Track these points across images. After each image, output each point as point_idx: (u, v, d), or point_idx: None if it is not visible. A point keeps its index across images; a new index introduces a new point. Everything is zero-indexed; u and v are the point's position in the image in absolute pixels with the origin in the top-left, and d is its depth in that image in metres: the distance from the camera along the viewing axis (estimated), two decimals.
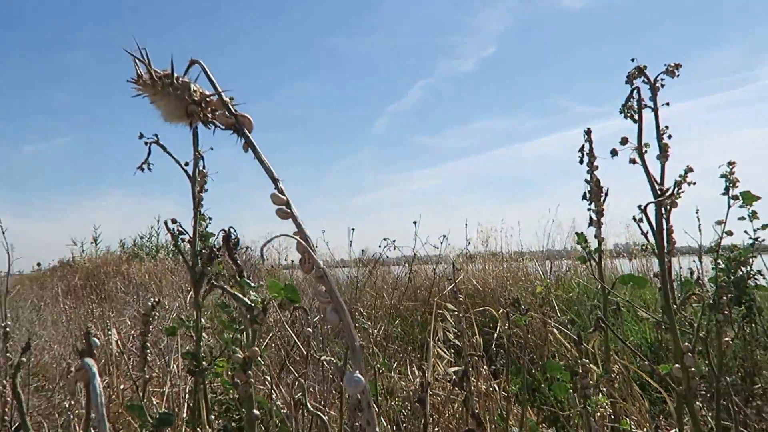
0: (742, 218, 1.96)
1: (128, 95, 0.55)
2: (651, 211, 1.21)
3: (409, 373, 2.52)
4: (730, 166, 1.92)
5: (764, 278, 1.88)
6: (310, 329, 1.18)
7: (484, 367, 2.17)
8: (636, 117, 1.70)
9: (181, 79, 0.53)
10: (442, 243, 3.55)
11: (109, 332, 1.99)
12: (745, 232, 1.99)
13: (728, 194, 1.92)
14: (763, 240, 1.93)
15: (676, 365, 0.99)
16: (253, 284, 0.68)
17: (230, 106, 0.56)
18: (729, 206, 1.94)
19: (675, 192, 1.43)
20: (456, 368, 1.31)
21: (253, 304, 0.66)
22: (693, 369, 1.01)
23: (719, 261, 1.92)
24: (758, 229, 1.92)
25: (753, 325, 1.82)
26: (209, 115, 0.56)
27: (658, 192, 1.48)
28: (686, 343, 1.31)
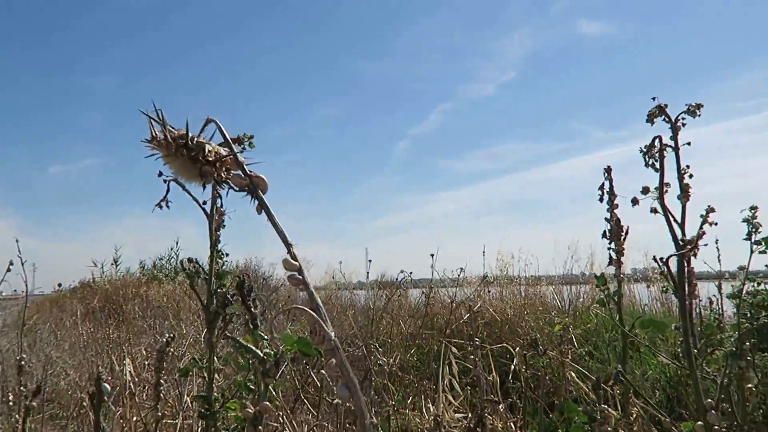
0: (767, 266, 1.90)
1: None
2: (672, 261, 1.17)
3: (424, 408, 2.48)
4: (753, 211, 1.88)
5: None
6: (324, 371, 1.17)
7: (500, 405, 2.13)
8: (658, 165, 1.66)
9: (196, 139, 0.53)
10: (459, 275, 3.52)
11: (124, 362, 1.99)
12: (767, 265, 1.94)
13: (750, 239, 1.88)
14: None
15: (699, 423, 0.95)
16: (265, 336, 0.66)
17: (245, 167, 0.55)
18: (752, 251, 1.89)
19: (696, 243, 1.39)
20: (467, 415, 1.28)
21: (265, 358, 0.65)
22: (716, 426, 0.98)
23: (742, 306, 1.86)
24: None
25: None
26: (223, 175, 0.55)
27: (680, 243, 1.44)
28: (709, 400, 1.26)
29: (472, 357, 1.36)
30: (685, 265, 1.40)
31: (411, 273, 3.25)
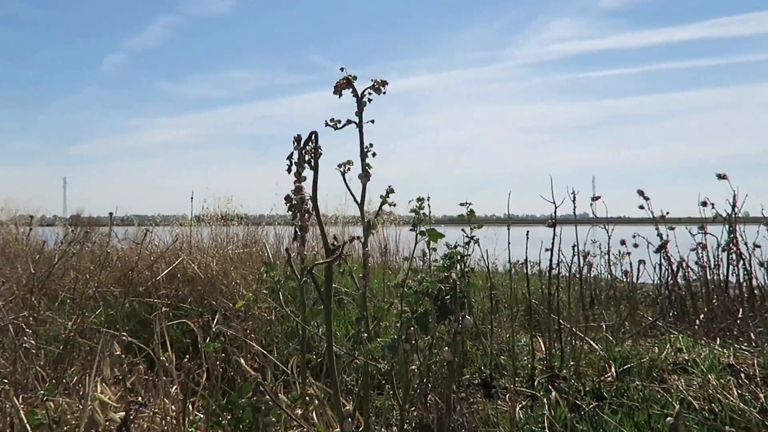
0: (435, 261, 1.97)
1: None
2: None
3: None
4: (420, 202, 1.93)
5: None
6: None
7: (174, 386, 1.93)
8: (313, 161, 1.61)
9: None
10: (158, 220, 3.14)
11: None
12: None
13: (416, 230, 1.94)
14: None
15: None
16: None
17: None
18: (416, 242, 1.96)
19: (341, 251, 1.38)
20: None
21: None
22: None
23: (407, 291, 1.91)
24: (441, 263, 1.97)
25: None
26: None
27: (331, 247, 1.42)
28: (348, 407, 1.23)
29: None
30: (333, 272, 1.42)
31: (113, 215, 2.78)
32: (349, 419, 1.52)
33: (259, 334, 2.39)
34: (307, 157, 1.65)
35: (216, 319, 2.18)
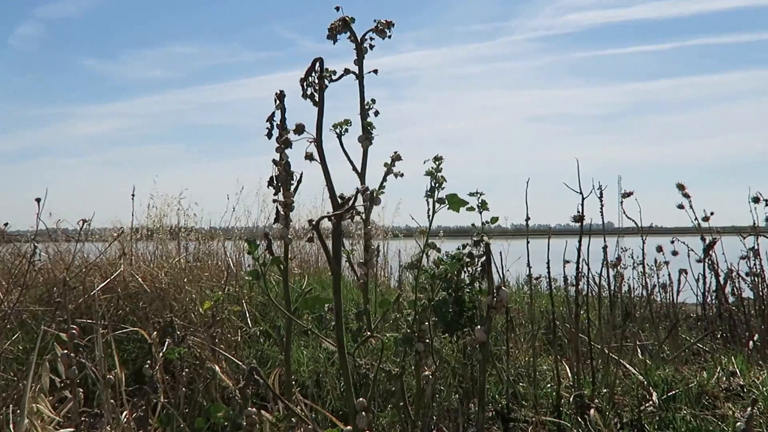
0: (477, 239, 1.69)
1: None
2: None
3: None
4: (437, 162, 1.60)
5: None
6: None
7: (126, 414, 1.44)
8: (317, 95, 1.32)
9: None
10: (81, 228, 2.59)
11: None
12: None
13: (433, 196, 1.60)
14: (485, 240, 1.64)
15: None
16: None
17: None
18: (433, 211, 1.61)
19: (353, 206, 1.09)
20: None
21: None
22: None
23: (423, 278, 1.59)
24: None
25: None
26: None
27: (338, 201, 1.14)
28: (361, 399, 1.04)
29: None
30: (341, 230, 1.12)
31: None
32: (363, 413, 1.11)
33: (231, 346, 1.94)
34: (309, 91, 1.33)
35: (175, 334, 1.73)
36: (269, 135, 1.55)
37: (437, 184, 1.53)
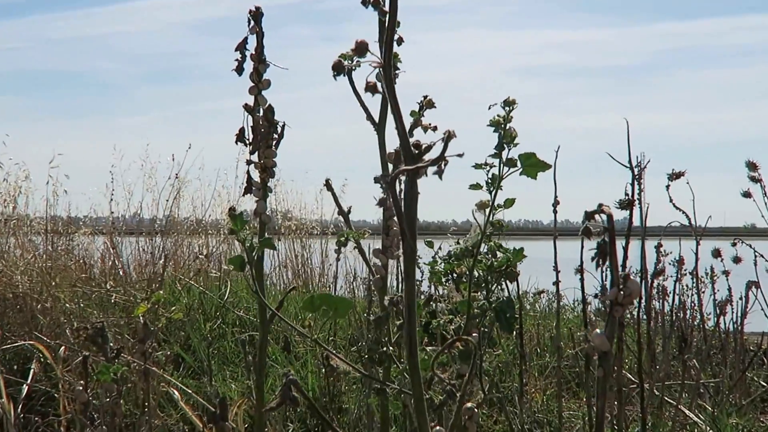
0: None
1: None
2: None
3: None
4: (508, 108, 1.11)
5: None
6: None
7: None
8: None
9: None
10: None
11: None
12: None
13: (501, 156, 1.12)
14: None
15: None
16: None
17: None
18: (501, 176, 1.13)
19: (443, 155, 0.76)
20: None
21: None
22: None
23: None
24: None
25: None
26: None
27: (413, 151, 0.79)
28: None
29: None
30: (417, 191, 0.68)
31: None
32: None
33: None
34: None
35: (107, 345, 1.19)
36: (239, 69, 1.12)
37: (508, 140, 0.98)
